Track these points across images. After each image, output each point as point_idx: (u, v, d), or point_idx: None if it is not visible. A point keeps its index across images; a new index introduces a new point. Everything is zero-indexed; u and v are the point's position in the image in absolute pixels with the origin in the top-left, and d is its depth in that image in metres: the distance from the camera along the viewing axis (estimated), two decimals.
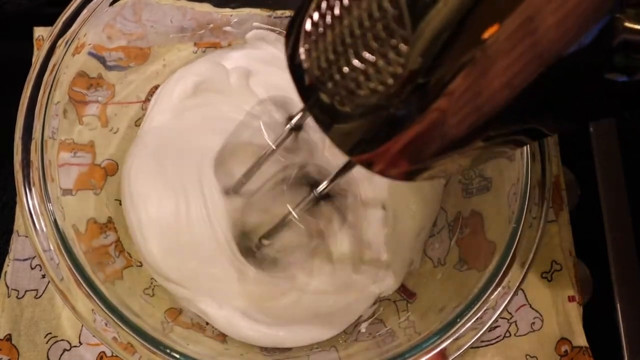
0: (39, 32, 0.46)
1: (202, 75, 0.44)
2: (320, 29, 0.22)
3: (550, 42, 0.18)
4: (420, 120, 0.21)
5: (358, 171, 0.28)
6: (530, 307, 0.41)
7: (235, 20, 0.46)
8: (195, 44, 0.47)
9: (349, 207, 0.39)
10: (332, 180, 0.30)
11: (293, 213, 0.32)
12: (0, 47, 0.49)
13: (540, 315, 0.41)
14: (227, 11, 0.46)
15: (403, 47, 0.20)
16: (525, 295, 0.41)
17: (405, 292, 0.41)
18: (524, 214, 0.35)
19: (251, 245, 0.38)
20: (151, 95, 0.45)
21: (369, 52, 0.21)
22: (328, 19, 0.22)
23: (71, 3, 0.38)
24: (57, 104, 0.36)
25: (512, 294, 0.33)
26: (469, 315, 0.33)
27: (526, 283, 0.34)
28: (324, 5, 0.22)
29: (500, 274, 0.34)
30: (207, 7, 0.45)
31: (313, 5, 0.23)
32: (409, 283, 0.41)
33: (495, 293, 0.33)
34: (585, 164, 0.46)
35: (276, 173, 0.36)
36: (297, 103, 0.26)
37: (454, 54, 0.19)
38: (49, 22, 0.38)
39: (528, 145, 0.36)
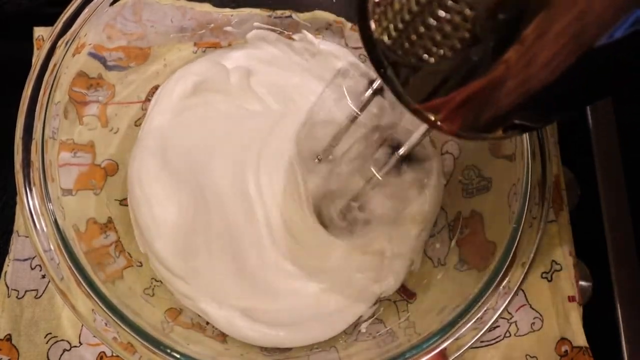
0: (39, 32, 0.46)
1: (202, 75, 0.44)
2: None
3: (598, 13, 0.19)
4: (486, 73, 0.22)
5: None
6: (530, 307, 0.41)
7: (235, 20, 0.46)
8: (195, 44, 0.47)
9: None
10: (417, 141, 0.31)
11: (377, 175, 0.33)
12: (0, 47, 0.49)
13: (540, 315, 0.41)
14: (227, 11, 0.46)
15: (468, 11, 0.20)
16: (525, 295, 0.41)
17: (405, 292, 0.41)
18: (524, 214, 0.35)
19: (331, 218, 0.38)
20: (151, 95, 0.45)
21: (436, 20, 0.21)
22: None
23: (71, 3, 0.38)
24: (57, 104, 0.36)
25: (512, 294, 0.33)
26: (469, 315, 0.33)
27: (526, 283, 0.34)
28: None
29: (501, 274, 0.34)
30: (207, 7, 0.45)
31: None
32: (409, 283, 0.41)
33: (496, 293, 0.33)
34: (585, 164, 0.46)
35: (359, 139, 0.37)
36: None
37: (516, 15, 0.20)
38: (49, 22, 0.38)
39: (528, 145, 0.36)
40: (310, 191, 0.40)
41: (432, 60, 0.22)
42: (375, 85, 0.34)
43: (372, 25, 0.24)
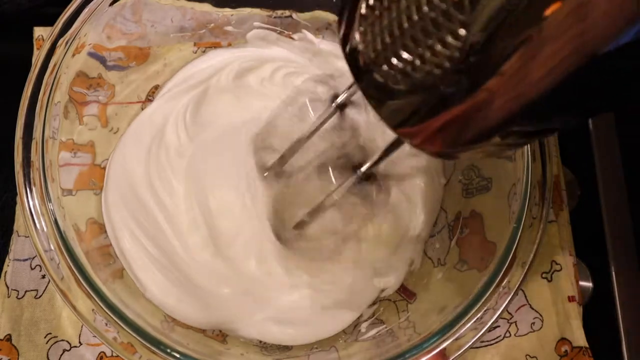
0: (39, 32, 0.46)
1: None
2: (377, 12, 0.23)
3: (597, 31, 0.18)
4: (468, 100, 0.21)
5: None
6: (530, 307, 0.41)
7: (235, 20, 0.46)
8: (195, 44, 0.47)
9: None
10: (378, 160, 0.31)
11: (335, 194, 0.33)
12: (0, 47, 0.49)
13: (540, 315, 0.41)
14: (227, 11, 0.46)
15: (462, 31, 0.20)
16: (525, 295, 0.41)
17: (405, 292, 0.41)
18: (524, 214, 0.35)
19: (283, 231, 0.38)
20: (151, 95, 0.45)
21: (427, 37, 0.21)
22: (385, 2, 0.22)
23: (71, 3, 0.38)
24: (57, 104, 0.37)
25: (512, 294, 0.33)
26: (469, 315, 0.33)
27: (526, 283, 0.34)
28: None
29: (501, 274, 0.34)
30: (207, 7, 0.45)
31: None
32: (409, 283, 0.41)
33: (496, 293, 0.33)
34: (585, 164, 0.46)
35: (319, 153, 0.37)
36: (341, 81, 0.26)
37: (511, 34, 0.19)
38: (49, 22, 0.38)
39: (528, 145, 0.36)
40: (264, 202, 0.39)
41: (417, 75, 0.22)
42: (339, 99, 0.34)
43: (357, 37, 0.24)
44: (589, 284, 0.43)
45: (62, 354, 0.39)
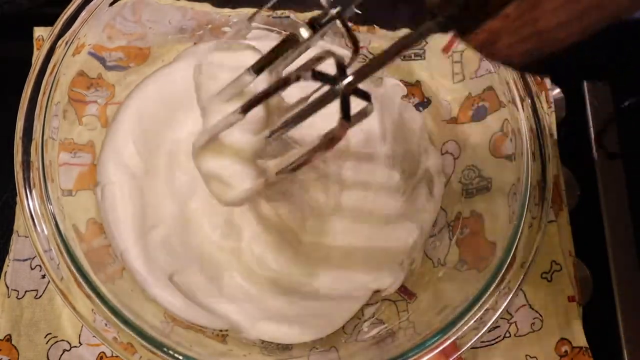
0: (39, 32, 0.46)
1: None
2: None
3: None
4: None
5: None
6: (530, 307, 0.41)
7: (234, 20, 0.46)
8: (194, 44, 0.47)
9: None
10: None
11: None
12: (0, 47, 0.49)
13: (540, 316, 0.41)
14: (226, 11, 0.46)
15: None
16: (525, 296, 0.41)
17: (405, 292, 0.41)
18: (524, 214, 0.35)
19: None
20: None
21: None
22: None
23: (71, 3, 0.38)
24: (57, 105, 0.37)
25: (512, 294, 0.33)
26: (469, 315, 0.33)
27: (526, 283, 0.34)
28: None
29: (501, 274, 0.34)
30: (206, 7, 0.45)
31: None
32: (409, 283, 0.41)
33: (496, 293, 0.33)
34: (585, 164, 0.46)
35: None
36: None
37: None
38: (49, 22, 0.38)
39: (528, 145, 0.36)
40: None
41: None
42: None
43: None
44: (588, 284, 0.43)
45: (62, 354, 0.39)
